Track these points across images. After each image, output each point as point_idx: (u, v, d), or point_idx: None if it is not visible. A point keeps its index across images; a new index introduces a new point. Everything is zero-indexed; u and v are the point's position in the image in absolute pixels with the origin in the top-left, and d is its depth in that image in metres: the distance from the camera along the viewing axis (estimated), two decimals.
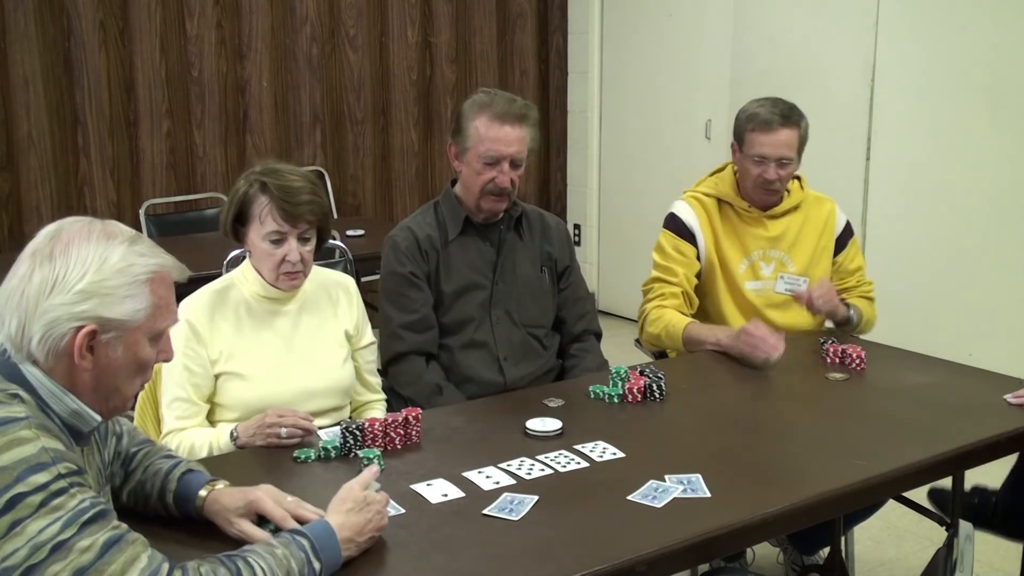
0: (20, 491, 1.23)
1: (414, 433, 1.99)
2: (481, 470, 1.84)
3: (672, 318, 2.71)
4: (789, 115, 2.71)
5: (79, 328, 1.34)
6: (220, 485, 1.64)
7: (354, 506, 1.53)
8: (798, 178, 2.88)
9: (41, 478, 1.25)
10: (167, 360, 1.51)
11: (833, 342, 2.56)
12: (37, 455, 1.26)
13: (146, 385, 1.61)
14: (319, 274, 2.34)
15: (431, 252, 2.54)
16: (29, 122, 4.73)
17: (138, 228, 4.72)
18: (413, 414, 2.01)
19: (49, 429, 1.32)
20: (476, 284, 2.56)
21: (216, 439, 2.07)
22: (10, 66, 4.65)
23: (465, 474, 1.82)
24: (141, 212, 4.76)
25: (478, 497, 1.73)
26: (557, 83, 6.34)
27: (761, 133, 2.70)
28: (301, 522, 1.55)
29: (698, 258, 2.83)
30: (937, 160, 4.26)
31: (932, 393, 2.33)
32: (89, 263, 1.36)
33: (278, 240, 2.17)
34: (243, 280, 2.25)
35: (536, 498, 1.71)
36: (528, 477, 1.82)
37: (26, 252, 1.40)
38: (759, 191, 2.77)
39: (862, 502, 2.01)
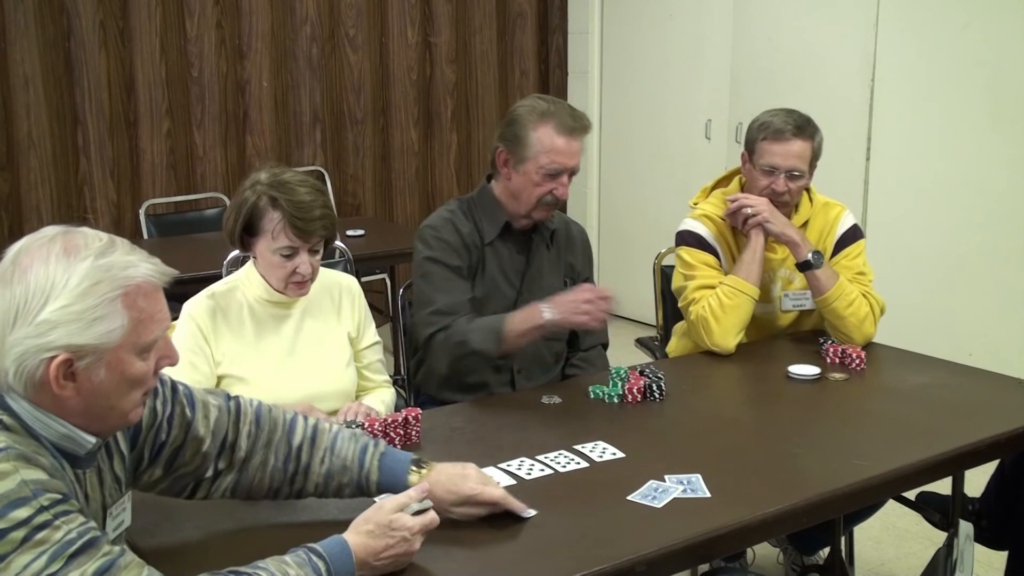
0: (2, 527, 1.18)
1: (414, 433, 1.99)
2: (481, 470, 1.84)
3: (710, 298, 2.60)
4: (803, 127, 2.64)
5: (51, 359, 1.25)
6: (424, 470, 1.63)
7: (376, 529, 1.45)
8: (807, 190, 2.78)
9: (22, 513, 1.20)
10: (171, 364, 1.42)
11: (833, 342, 2.56)
12: (17, 489, 1.20)
13: None
14: (320, 275, 2.33)
15: (474, 249, 2.47)
16: (29, 122, 4.73)
17: (138, 228, 4.74)
18: (413, 414, 2.01)
19: (30, 459, 1.25)
20: (502, 291, 2.51)
21: None
22: (10, 66, 4.65)
23: None
24: (141, 212, 4.77)
25: None
26: (557, 83, 6.34)
27: (773, 142, 2.63)
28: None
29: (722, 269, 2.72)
30: (937, 160, 4.26)
31: (932, 393, 2.33)
32: (49, 288, 1.26)
33: (290, 255, 2.17)
34: (247, 283, 2.25)
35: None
36: (528, 477, 1.82)
37: None
38: (771, 200, 2.67)
39: (862, 502, 2.01)
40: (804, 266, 2.63)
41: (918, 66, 4.29)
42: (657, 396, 2.24)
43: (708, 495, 1.74)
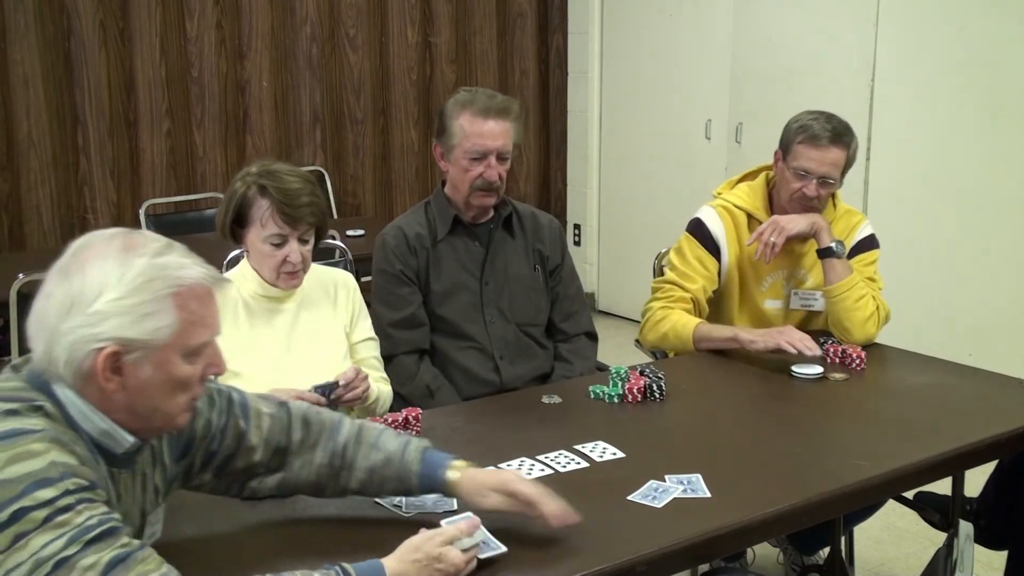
0: (24, 505, 1.20)
1: (414, 433, 1.99)
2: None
3: (680, 318, 2.65)
4: (842, 135, 2.62)
5: (100, 350, 1.29)
6: (463, 463, 1.64)
7: (423, 559, 1.41)
8: (832, 195, 2.79)
9: (47, 493, 1.21)
10: (218, 373, 1.44)
11: (834, 342, 2.56)
12: (45, 469, 1.22)
13: None
14: (317, 271, 2.35)
15: (420, 250, 2.55)
16: (29, 122, 4.73)
17: (138, 228, 4.74)
18: (413, 414, 2.01)
19: (64, 444, 1.27)
20: (465, 284, 2.57)
21: None
22: (10, 66, 4.65)
23: None
24: (141, 212, 4.76)
25: None
26: (557, 83, 6.34)
27: (809, 147, 2.61)
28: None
29: (719, 273, 2.75)
30: (937, 160, 4.26)
31: (932, 393, 2.33)
32: (105, 281, 1.30)
33: (279, 243, 2.18)
34: (241, 279, 2.26)
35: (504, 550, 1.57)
36: (528, 477, 1.82)
37: (52, 268, 1.34)
38: (795, 205, 2.67)
39: (863, 502, 2.02)
40: (825, 253, 2.64)
41: (918, 66, 4.29)
42: (657, 396, 2.24)
43: (708, 495, 1.74)
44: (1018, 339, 4.00)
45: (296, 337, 2.26)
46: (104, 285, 1.29)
